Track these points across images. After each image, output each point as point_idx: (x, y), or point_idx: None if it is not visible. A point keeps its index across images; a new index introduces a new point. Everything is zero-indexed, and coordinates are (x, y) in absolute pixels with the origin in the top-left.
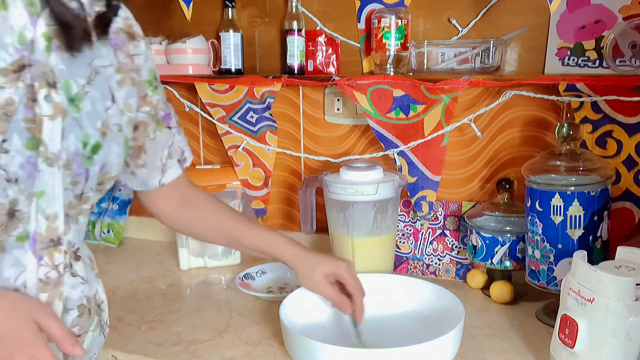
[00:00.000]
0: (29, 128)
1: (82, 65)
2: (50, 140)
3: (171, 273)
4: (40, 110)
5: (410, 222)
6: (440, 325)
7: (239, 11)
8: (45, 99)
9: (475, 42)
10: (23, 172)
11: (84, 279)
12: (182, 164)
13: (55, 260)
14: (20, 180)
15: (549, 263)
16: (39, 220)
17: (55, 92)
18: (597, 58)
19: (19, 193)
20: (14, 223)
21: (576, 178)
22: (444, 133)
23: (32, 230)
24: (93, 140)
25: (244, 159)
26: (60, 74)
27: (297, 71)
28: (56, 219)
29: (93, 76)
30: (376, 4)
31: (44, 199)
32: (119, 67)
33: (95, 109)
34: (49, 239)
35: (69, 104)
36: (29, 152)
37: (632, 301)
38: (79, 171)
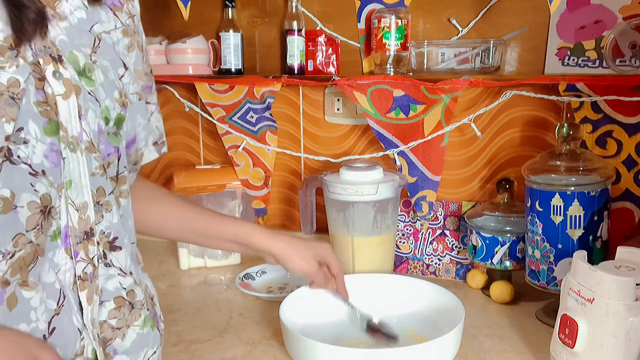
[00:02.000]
0: (43, 112)
1: (83, 34)
2: (68, 123)
3: (171, 273)
4: (52, 90)
5: (410, 222)
6: (441, 326)
7: (239, 11)
8: (54, 75)
9: (475, 42)
10: (49, 161)
11: (122, 270)
12: (160, 147)
13: (90, 254)
14: (47, 171)
15: (549, 263)
16: (70, 212)
17: (62, 66)
18: (597, 58)
19: (50, 186)
20: (49, 222)
21: (576, 178)
22: (444, 133)
23: (64, 225)
24: (115, 113)
25: (244, 159)
26: (63, 46)
27: (297, 71)
28: (86, 209)
29: (97, 43)
30: (376, 4)
31: (73, 188)
32: (125, 30)
33: (108, 78)
34: (82, 232)
35: (80, 77)
36: (50, 138)
37: (632, 301)
38: (108, 151)
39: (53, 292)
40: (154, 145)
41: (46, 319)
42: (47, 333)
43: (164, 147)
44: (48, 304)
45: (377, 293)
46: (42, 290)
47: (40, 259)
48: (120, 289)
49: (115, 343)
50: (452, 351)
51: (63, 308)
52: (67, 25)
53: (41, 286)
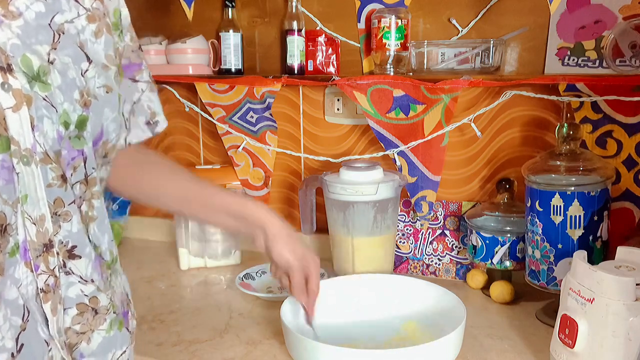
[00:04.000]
0: None
1: (40, 29)
2: (20, 136)
3: (171, 273)
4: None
5: (410, 222)
6: (442, 326)
7: (239, 11)
8: (2, 87)
9: (475, 42)
10: (1, 180)
11: (82, 278)
12: (153, 127)
13: (50, 265)
14: (1, 190)
15: (549, 263)
16: (27, 227)
17: (12, 76)
18: (597, 58)
19: (3, 204)
20: (6, 239)
21: (576, 178)
22: (444, 133)
23: (22, 240)
24: (75, 116)
25: (244, 159)
26: (15, 51)
27: (297, 71)
28: (44, 221)
29: (57, 38)
30: (376, 4)
31: (29, 203)
32: (90, 16)
33: (67, 78)
34: (41, 244)
35: (34, 83)
36: (2, 155)
37: (632, 301)
38: (72, 155)
39: (17, 308)
40: (146, 125)
41: (13, 336)
42: (16, 350)
43: (158, 126)
44: (13, 321)
45: (378, 293)
46: (5, 307)
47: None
48: (82, 296)
49: (81, 347)
50: (453, 352)
51: (28, 323)
52: (21, 23)
53: (4, 304)
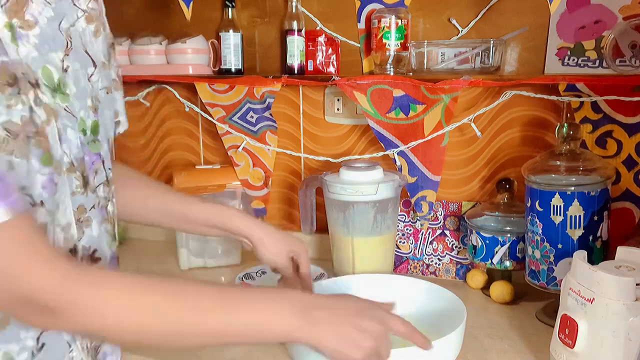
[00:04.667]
0: (38, 142)
1: (55, 35)
2: (53, 149)
3: (171, 273)
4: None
5: (410, 222)
6: (442, 326)
7: (239, 11)
8: (35, 103)
9: (475, 42)
10: (46, 192)
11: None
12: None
13: None
14: (45, 201)
15: (549, 263)
16: (56, 233)
17: (40, 91)
18: (597, 58)
19: (46, 215)
20: None
21: (576, 178)
22: (444, 133)
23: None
24: (90, 122)
25: (244, 159)
26: (36, 64)
27: (297, 71)
28: (70, 228)
29: (69, 44)
30: (376, 4)
31: (59, 211)
32: (88, 16)
33: (80, 86)
34: (67, 250)
35: (56, 95)
36: (47, 168)
37: (632, 301)
38: (92, 159)
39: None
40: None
41: (34, 336)
42: (36, 349)
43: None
44: None
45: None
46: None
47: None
48: None
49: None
50: (453, 352)
51: None
52: (38, 32)
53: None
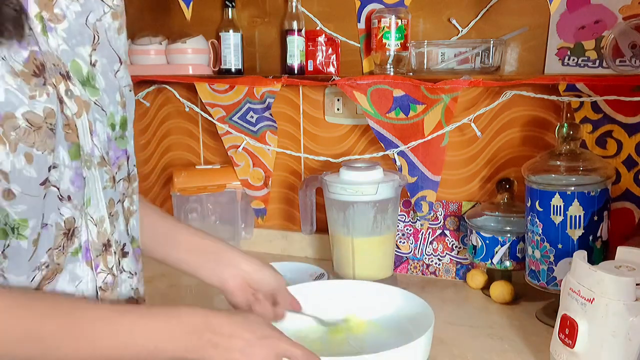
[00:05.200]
0: (66, 135)
1: (83, 30)
2: (83, 141)
3: (171, 273)
4: (70, 111)
5: (410, 222)
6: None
7: (239, 11)
8: (66, 94)
9: (475, 42)
10: (74, 187)
11: (131, 273)
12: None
13: (109, 264)
14: (72, 196)
15: (549, 263)
16: (90, 228)
17: (72, 83)
18: (597, 58)
19: (74, 209)
20: (72, 241)
21: (576, 178)
22: (444, 133)
23: (84, 240)
24: (119, 117)
25: (244, 159)
26: (66, 57)
27: (297, 71)
28: (103, 222)
29: (97, 39)
30: (376, 4)
31: (92, 205)
32: (114, 13)
33: (109, 80)
34: (101, 245)
35: (85, 88)
36: (75, 162)
37: (632, 301)
38: (117, 155)
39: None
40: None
41: None
42: None
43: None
44: None
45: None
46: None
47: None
48: (130, 290)
49: None
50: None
51: None
52: (66, 26)
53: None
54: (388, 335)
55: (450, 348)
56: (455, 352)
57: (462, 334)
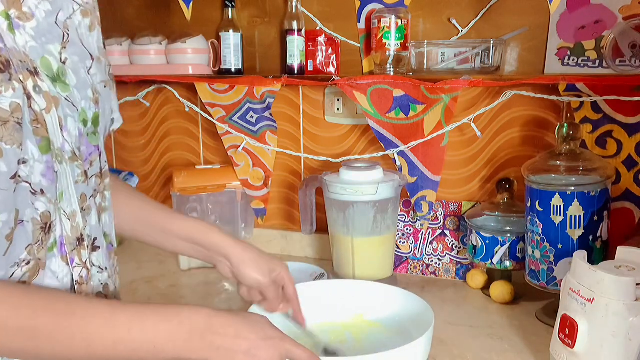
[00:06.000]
0: (35, 130)
1: (52, 29)
2: (53, 136)
3: (171, 273)
4: (38, 106)
5: (410, 222)
6: (411, 332)
7: (239, 11)
8: (35, 90)
9: (475, 42)
10: (46, 180)
11: (101, 268)
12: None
13: (82, 258)
14: (45, 190)
15: (549, 263)
16: (64, 222)
17: (40, 79)
18: (597, 58)
19: (48, 203)
20: (48, 235)
21: (576, 178)
22: (444, 133)
23: (59, 235)
24: (91, 114)
25: (244, 159)
26: (34, 53)
27: (297, 71)
28: (76, 216)
29: (66, 37)
30: (376, 4)
31: (64, 199)
32: (84, 11)
33: (80, 77)
34: (75, 239)
35: (56, 84)
36: (45, 156)
37: (632, 301)
38: (89, 151)
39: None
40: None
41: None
42: None
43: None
44: None
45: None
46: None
47: (41, 272)
48: (99, 285)
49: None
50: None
51: None
52: (35, 24)
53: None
54: (388, 335)
55: (450, 348)
56: (455, 352)
57: (462, 334)
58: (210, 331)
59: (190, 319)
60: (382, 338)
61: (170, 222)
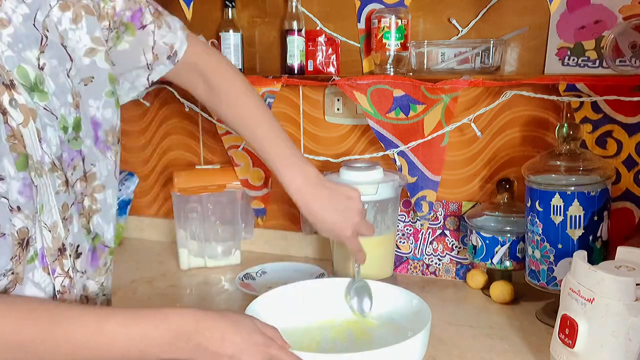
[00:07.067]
0: (12, 146)
1: (30, 32)
2: (31, 150)
3: (171, 273)
4: (14, 121)
5: (410, 222)
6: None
7: (239, 11)
8: (11, 104)
9: (475, 42)
10: (23, 197)
11: (80, 272)
12: (173, 59)
13: (64, 267)
14: (22, 207)
15: (549, 263)
16: (44, 234)
17: (16, 92)
18: (597, 58)
19: (25, 219)
20: (27, 250)
21: (576, 178)
22: (444, 133)
23: (40, 247)
24: (71, 119)
25: (244, 158)
26: (10, 63)
27: (297, 71)
28: (57, 227)
29: (45, 40)
30: (376, 4)
31: (45, 212)
32: (63, 4)
33: (59, 82)
34: (56, 250)
35: (33, 94)
36: (22, 173)
37: (632, 301)
38: (72, 156)
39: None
40: (167, 59)
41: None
42: None
43: (177, 55)
44: None
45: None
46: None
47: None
48: (80, 289)
49: None
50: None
51: None
52: (12, 31)
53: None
54: (385, 332)
55: (450, 348)
56: (455, 352)
57: (462, 334)
58: (197, 334)
59: (177, 323)
60: (379, 335)
61: (264, 142)
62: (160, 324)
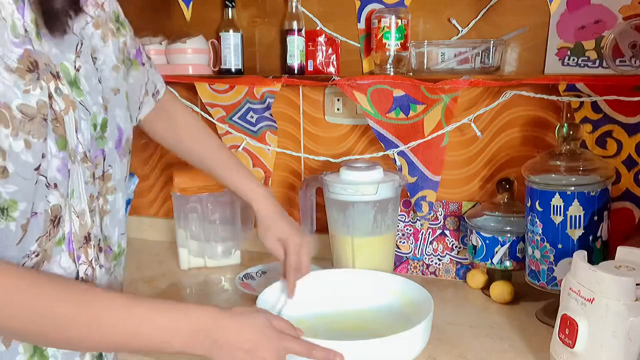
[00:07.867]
0: (54, 128)
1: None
2: (69, 137)
3: (171, 273)
4: (58, 106)
5: (410, 222)
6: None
7: (239, 11)
8: (56, 92)
9: (475, 42)
10: (60, 175)
11: (108, 270)
12: (156, 97)
13: (89, 256)
14: (59, 184)
15: (549, 263)
16: (73, 219)
17: (60, 83)
18: (597, 58)
19: (60, 197)
20: (56, 229)
21: (576, 178)
22: (444, 133)
23: (67, 231)
24: (100, 119)
25: (244, 159)
26: (56, 60)
27: (297, 71)
28: (84, 215)
29: (80, 46)
30: (376, 4)
31: (75, 197)
32: (95, 23)
33: (92, 84)
34: (83, 237)
35: (72, 89)
36: (62, 152)
37: (632, 301)
38: (95, 154)
39: None
40: (152, 97)
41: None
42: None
43: (159, 95)
44: None
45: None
46: None
47: (47, 265)
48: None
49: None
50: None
51: None
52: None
53: None
54: (388, 321)
55: (450, 348)
56: (455, 352)
57: (462, 334)
58: (216, 330)
59: (198, 318)
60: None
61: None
62: (181, 318)
